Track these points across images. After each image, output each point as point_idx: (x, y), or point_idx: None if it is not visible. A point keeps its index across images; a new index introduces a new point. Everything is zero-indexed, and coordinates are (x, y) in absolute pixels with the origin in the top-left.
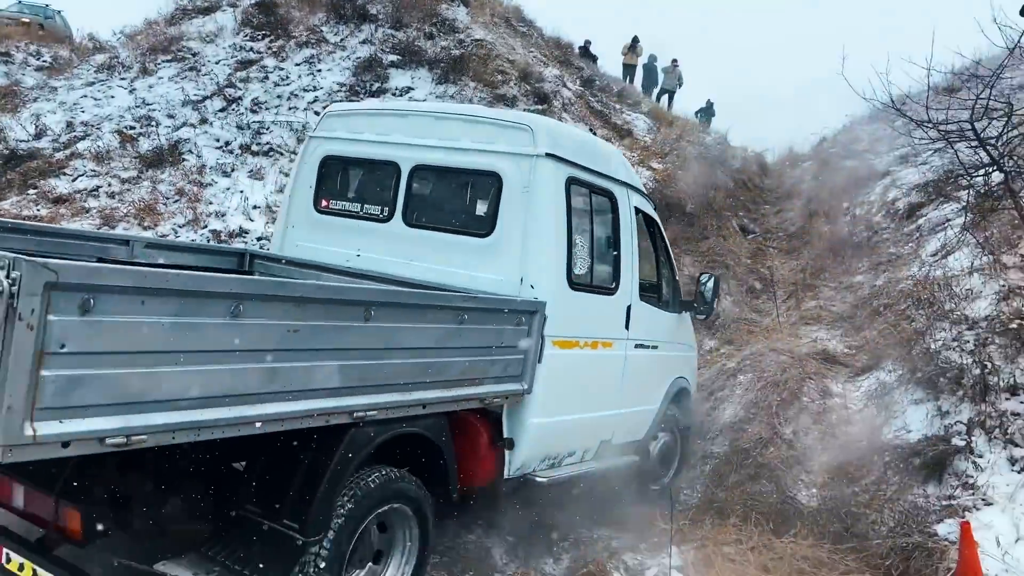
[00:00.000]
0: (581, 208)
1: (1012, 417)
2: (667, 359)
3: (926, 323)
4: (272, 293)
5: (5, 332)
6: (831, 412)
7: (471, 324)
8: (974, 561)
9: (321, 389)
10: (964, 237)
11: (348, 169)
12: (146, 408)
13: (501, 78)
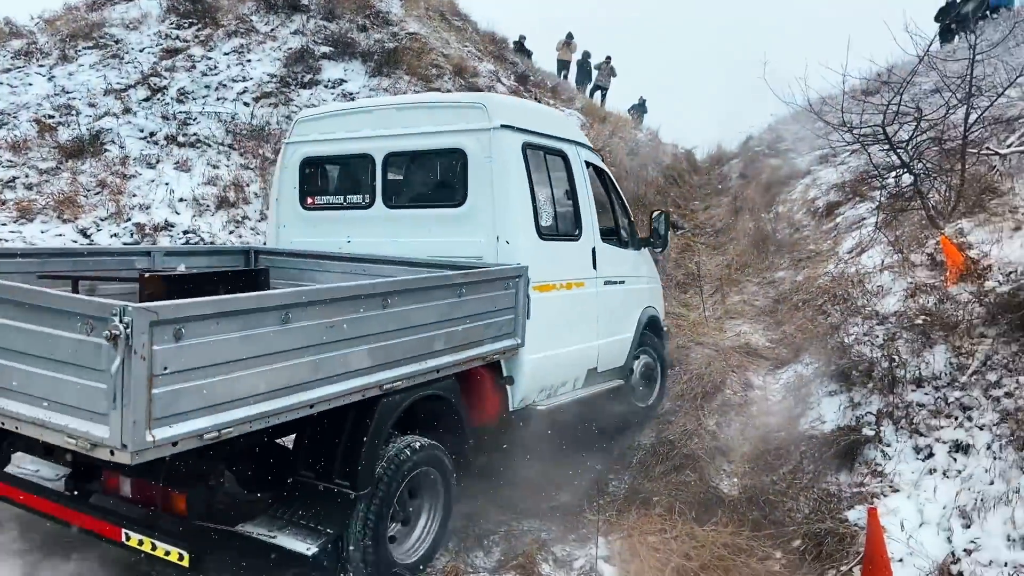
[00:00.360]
0: (538, 168)
1: (917, 408)
2: (634, 291)
3: (840, 318)
4: (310, 300)
5: (125, 364)
6: (752, 404)
7: (469, 296)
8: (880, 545)
9: (356, 370)
10: (877, 236)
11: (327, 167)
12: (229, 407)
13: (435, 72)
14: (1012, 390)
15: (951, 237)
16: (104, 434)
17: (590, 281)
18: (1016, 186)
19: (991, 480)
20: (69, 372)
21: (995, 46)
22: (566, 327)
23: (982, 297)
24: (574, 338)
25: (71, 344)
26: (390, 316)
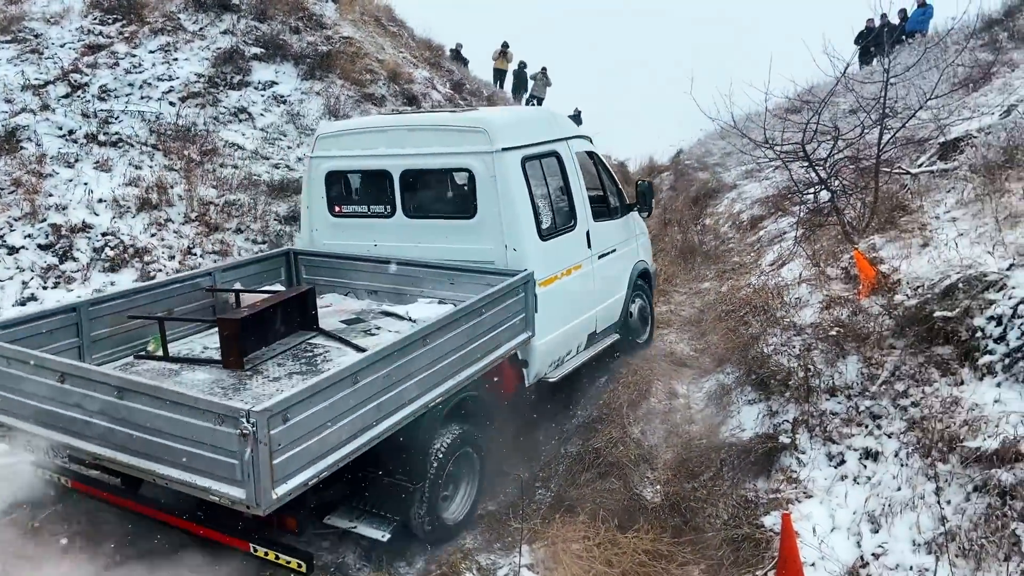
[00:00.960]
0: (536, 176)
1: (831, 416)
2: (624, 254)
3: (760, 329)
4: (371, 362)
5: (253, 451)
6: (676, 412)
7: (487, 312)
8: (793, 550)
9: (407, 401)
10: (796, 249)
11: (350, 179)
12: (322, 457)
13: (370, 77)
14: (918, 399)
15: (864, 252)
16: (241, 495)
17: (586, 261)
18: (925, 204)
19: (898, 486)
20: (209, 450)
21: (908, 69)
22: (568, 307)
23: (891, 310)
24: (575, 314)
25: (209, 432)
26: (429, 351)
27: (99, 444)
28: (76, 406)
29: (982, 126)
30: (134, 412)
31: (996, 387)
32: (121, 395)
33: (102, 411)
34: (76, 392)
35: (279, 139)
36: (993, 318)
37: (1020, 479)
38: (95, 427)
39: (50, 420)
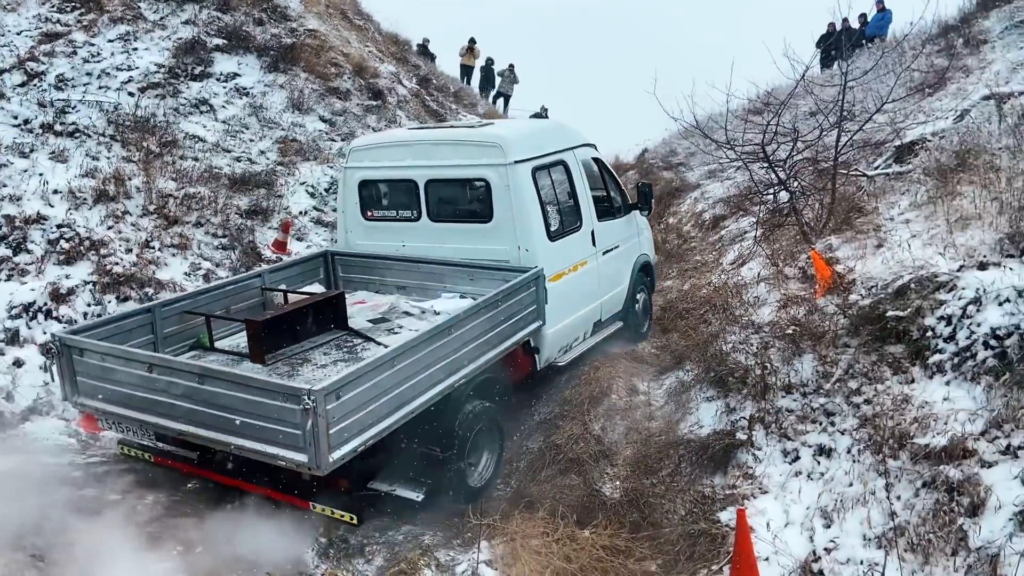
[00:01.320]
0: (546, 184)
1: (786, 413)
2: (626, 250)
3: (720, 327)
4: (405, 349)
5: (313, 423)
6: (637, 409)
7: (503, 304)
8: (747, 545)
9: (437, 381)
10: (756, 249)
11: (380, 187)
12: (370, 426)
13: (335, 71)
14: (871, 397)
15: (821, 252)
16: (304, 459)
17: (591, 257)
18: (880, 206)
19: (850, 482)
20: (276, 423)
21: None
22: (576, 299)
23: (846, 309)
24: (582, 305)
25: (276, 408)
26: (454, 339)
27: (183, 423)
28: (163, 391)
29: (936, 130)
30: (213, 394)
31: (945, 385)
32: (201, 380)
33: (185, 394)
34: (162, 380)
35: (241, 132)
36: (943, 318)
37: (967, 475)
38: (179, 408)
39: (140, 404)
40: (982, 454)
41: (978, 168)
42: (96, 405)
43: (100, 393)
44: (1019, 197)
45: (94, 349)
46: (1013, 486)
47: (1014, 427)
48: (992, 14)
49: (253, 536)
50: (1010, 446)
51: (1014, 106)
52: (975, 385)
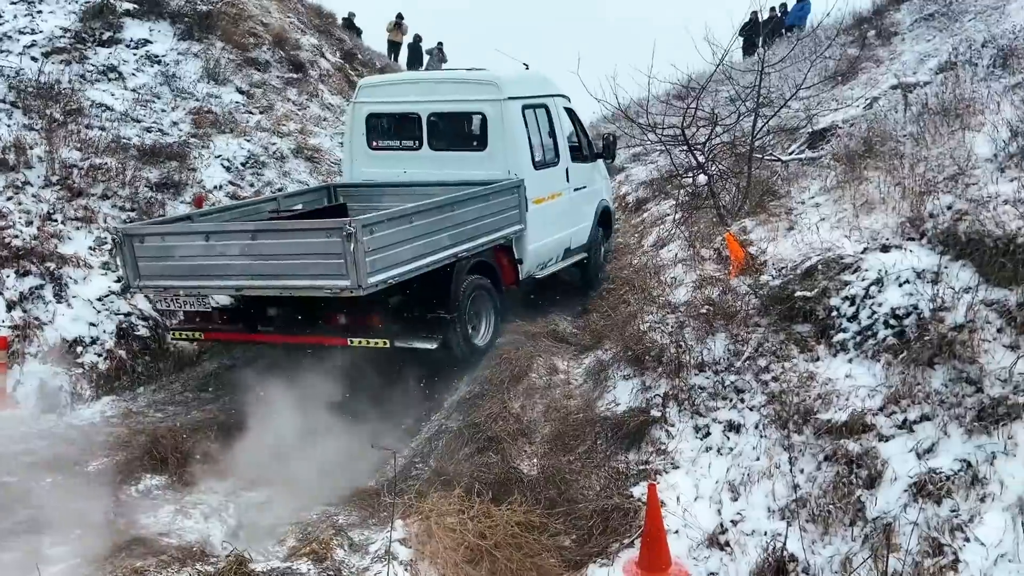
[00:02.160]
0: (532, 121)
1: (699, 390)
2: (592, 192)
3: (638, 307)
4: (419, 210)
5: (355, 248)
6: (556, 387)
7: (493, 200)
8: (657, 519)
9: (444, 247)
10: (675, 231)
11: (385, 120)
12: (393, 267)
13: (254, 41)
14: (778, 375)
15: (735, 234)
16: (347, 283)
17: (565, 191)
18: (792, 190)
19: (757, 456)
20: (321, 258)
21: (781, 60)
22: (552, 223)
23: (757, 290)
24: (556, 230)
25: (323, 244)
26: (456, 215)
27: (240, 279)
28: (220, 255)
29: (847, 117)
30: (265, 246)
31: (848, 363)
32: (255, 236)
33: (241, 252)
34: (219, 244)
35: (152, 101)
36: (847, 298)
37: (866, 449)
38: (235, 267)
39: (200, 272)
40: (880, 428)
41: (884, 154)
42: (158, 284)
43: (161, 272)
44: (920, 183)
45: (155, 232)
46: (908, 459)
47: (910, 403)
48: (903, 7)
49: (157, 519)
50: (906, 421)
51: (919, 95)
52: (875, 363)
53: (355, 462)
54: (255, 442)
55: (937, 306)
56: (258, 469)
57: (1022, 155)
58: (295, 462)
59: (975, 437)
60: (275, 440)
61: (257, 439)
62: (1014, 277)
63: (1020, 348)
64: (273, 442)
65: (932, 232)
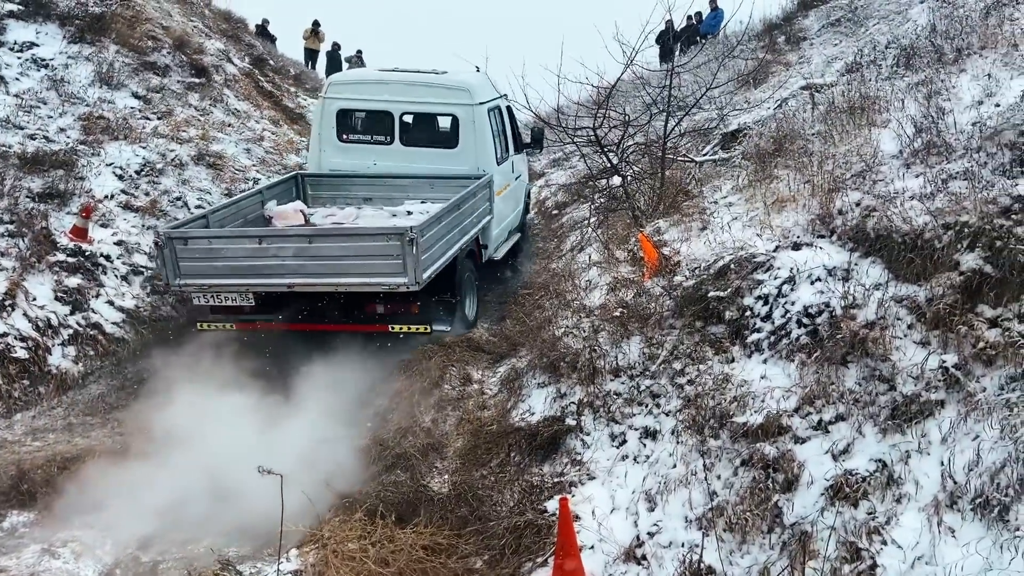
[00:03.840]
0: (494, 121)
1: (614, 397)
2: (524, 178)
3: (553, 312)
4: (442, 216)
5: (413, 252)
6: (469, 398)
7: (479, 194)
8: (570, 535)
9: (459, 237)
10: (592, 235)
11: (357, 115)
12: (432, 263)
13: (152, 44)
14: (693, 378)
15: (649, 235)
16: (404, 280)
17: (512, 181)
18: (705, 190)
19: (674, 464)
20: (379, 259)
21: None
22: (505, 211)
23: (671, 291)
24: (507, 215)
25: (383, 247)
26: (466, 210)
27: (291, 278)
28: (272, 256)
29: (758, 119)
30: (321, 249)
31: (763, 363)
32: (311, 240)
33: (294, 255)
34: (271, 247)
35: (37, 107)
36: (760, 297)
37: (782, 452)
38: (287, 267)
39: (245, 272)
40: (795, 430)
41: (793, 153)
42: (199, 282)
43: (203, 271)
44: (829, 180)
45: (202, 235)
46: (824, 460)
47: (824, 403)
48: (811, 13)
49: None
50: (821, 421)
51: (826, 95)
52: (789, 363)
53: (251, 487)
54: (141, 470)
55: (848, 304)
56: (142, 500)
57: (927, 151)
58: (184, 491)
59: (889, 436)
60: (164, 468)
61: (144, 467)
62: (923, 272)
63: (930, 344)
64: (162, 470)
65: (842, 229)
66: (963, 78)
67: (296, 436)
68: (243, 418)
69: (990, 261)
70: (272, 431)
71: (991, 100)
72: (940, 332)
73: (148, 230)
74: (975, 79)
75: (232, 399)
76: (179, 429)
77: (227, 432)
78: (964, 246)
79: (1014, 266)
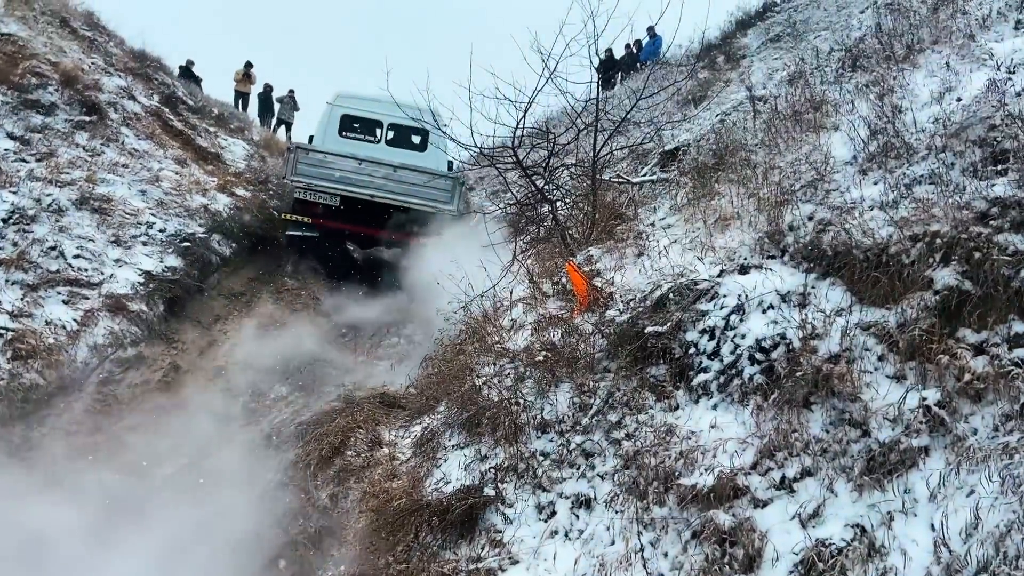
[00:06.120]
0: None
1: (541, 458)
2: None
3: (474, 357)
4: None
5: (460, 191)
6: (377, 466)
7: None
8: None
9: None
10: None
11: (355, 120)
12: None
13: (36, 81)
14: (632, 431)
15: (579, 265)
16: (452, 207)
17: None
18: (640, 212)
19: (612, 540)
20: (438, 189)
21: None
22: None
23: (603, 328)
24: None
25: (441, 182)
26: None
27: (374, 191)
28: (365, 175)
29: (698, 136)
30: (402, 176)
31: (712, 409)
32: (395, 170)
33: (383, 176)
34: (367, 168)
35: None
36: (706, 331)
37: (739, 521)
38: (375, 183)
39: (343, 181)
40: (754, 491)
41: (735, 165)
42: (306, 180)
43: (311, 174)
44: (776, 192)
45: (319, 151)
46: (791, 528)
47: (787, 455)
48: (750, 32)
49: None
50: (784, 479)
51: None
52: (743, 407)
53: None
54: None
55: (807, 334)
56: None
57: (885, 154)
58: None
59: (866, 494)
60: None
61: None
62: (891, 293)
63: (906, 379)
64: None
65: (794, 247)
66: (917, 75)
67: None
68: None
69: (969, 276)
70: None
71: (951, 95)
72: (917, 363)
73: (13, 285)
74: (931, 75)
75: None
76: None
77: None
78: (937, 260)
79: (997, 280)
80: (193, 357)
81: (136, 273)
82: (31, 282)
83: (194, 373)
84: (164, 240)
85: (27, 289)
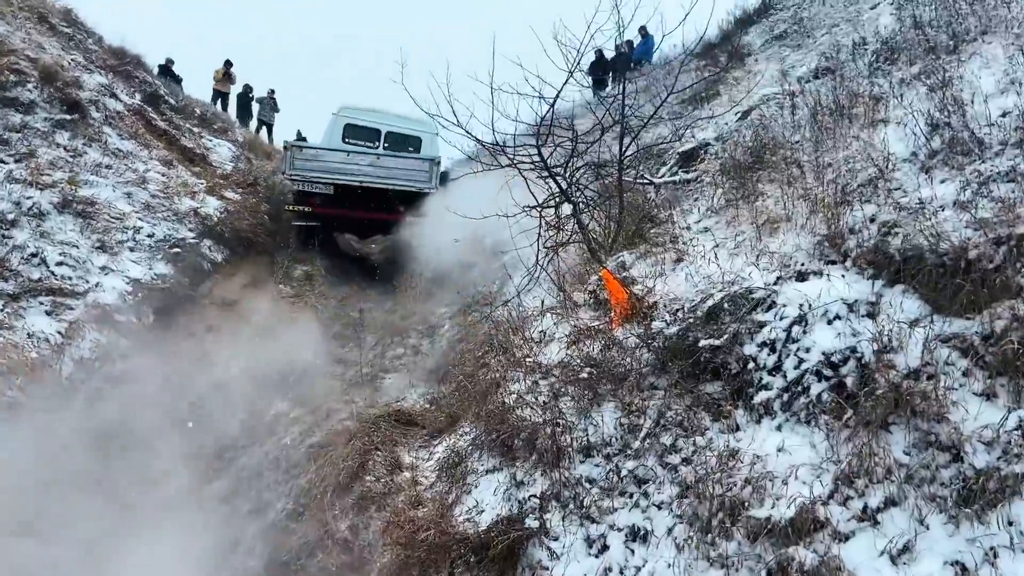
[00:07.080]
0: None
1: (587, 485)
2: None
3: (501, 372)
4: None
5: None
6: (399, 492)
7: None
8: None
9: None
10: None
11: (358, 128)
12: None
13: (15, 78)
14: (690, 455)
15: (613, 271)
16: (430, 186)
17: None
18: (674, 214)
19: None
20: (416, 171)
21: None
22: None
23: (649, 341)
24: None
25: (418, 163)
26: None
27: (362, 178)
28: (353, 164)
29: (719, 135)
30: (385, 162)
31: (777, 430)
32: (378, 158)
33: (369, 164)
34: (353, 158)
35: None
36: (766, 344)
37: (823, 557)
38: (362, 170)
39: (335, 171)
40: (836, 524)
41: (777, 164)
42: (302, 174)
43: (306, 168)
44: (832, 192)
45: (311, 147)
46: (881, 566)
47: (867, 482)
48: (751, 30)
49: None
50: (867, 508)
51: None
52: (812, 428)
53: None
54: None
55: (881, 347)
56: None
57: (950, 150)
58: None
59: (964, 526)
60: None
61: None
62: (974, 302)
63: (997, 397)
64: None
65: (857, 252)
66: (971, 65)
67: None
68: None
69: None
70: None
71: (1018, 87)
72: (1009, 380)
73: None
74: (985, 65)
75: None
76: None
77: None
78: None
79: None
80: (187, 369)
81: (123, 281)
82: (11, 291)
83: (188, 387)
84: (152, 246)
85: (7, 299)
